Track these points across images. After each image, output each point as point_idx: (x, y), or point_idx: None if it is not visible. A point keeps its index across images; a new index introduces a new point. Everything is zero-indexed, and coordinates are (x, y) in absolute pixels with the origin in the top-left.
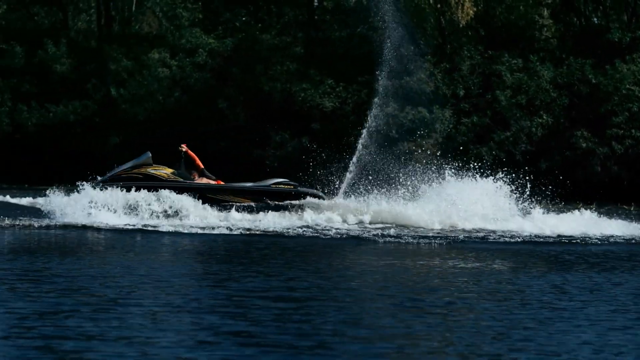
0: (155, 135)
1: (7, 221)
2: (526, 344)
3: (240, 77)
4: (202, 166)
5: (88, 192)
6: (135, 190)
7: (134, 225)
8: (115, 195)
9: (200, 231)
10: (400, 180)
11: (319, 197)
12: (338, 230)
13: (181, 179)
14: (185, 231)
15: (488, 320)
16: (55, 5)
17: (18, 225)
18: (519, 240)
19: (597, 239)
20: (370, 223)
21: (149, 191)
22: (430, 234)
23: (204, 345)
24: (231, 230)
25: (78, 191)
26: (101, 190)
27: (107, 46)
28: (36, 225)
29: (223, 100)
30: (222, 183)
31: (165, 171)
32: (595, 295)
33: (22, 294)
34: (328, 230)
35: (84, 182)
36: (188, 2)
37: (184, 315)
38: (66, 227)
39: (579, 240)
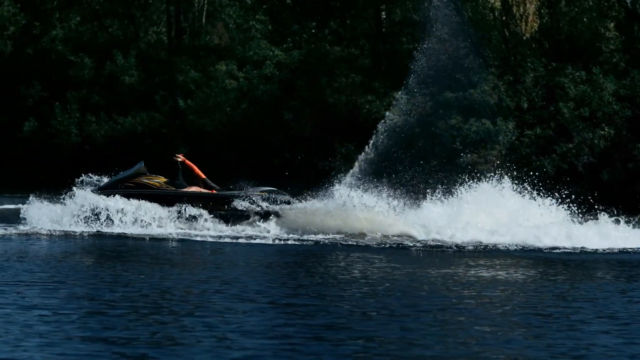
0: (222, 146)
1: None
2: (487, 347)
3: (306, 88)
4: (202, 176)
5: (92, 198)
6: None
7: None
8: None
9: (251, 241)
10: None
11: (290, 203)
12: (385, 239)
13: (172, 188)
14: (243, 241)
15: (468, 325)
16: (127, 18)
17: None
18: (562, 251)
19: None
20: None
21: (139, 200)
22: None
23: (174, 346)
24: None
25: (71, 197)
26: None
27: (176, 58)
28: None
29: (289, 112)
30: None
31: (158, 180)
32: (592, 303)
33: (28, 298)
34: (377, 240)
35: (77, 188)
36: (258, 14)
37: (169, 317)
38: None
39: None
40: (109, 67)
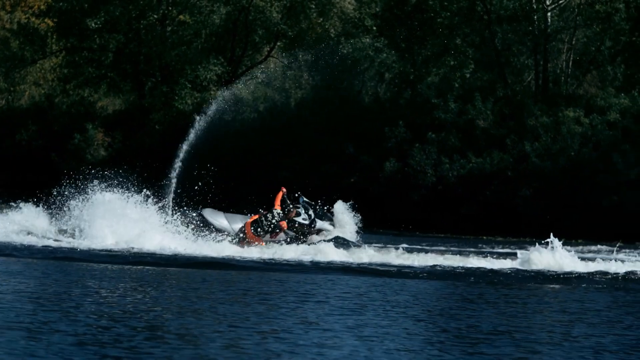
0: (558, 188)
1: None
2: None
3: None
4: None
5: None
6: None
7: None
8: None
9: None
10: None
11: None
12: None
13: None
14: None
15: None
16: (498, 67)
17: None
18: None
19: None
20: None
21: None
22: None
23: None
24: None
25: None
26: None
27: (530, 103)
28: None
29: (618, 156)
30: None
31: None
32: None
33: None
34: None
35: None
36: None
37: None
38: None
39: None
40: (469, 110)
